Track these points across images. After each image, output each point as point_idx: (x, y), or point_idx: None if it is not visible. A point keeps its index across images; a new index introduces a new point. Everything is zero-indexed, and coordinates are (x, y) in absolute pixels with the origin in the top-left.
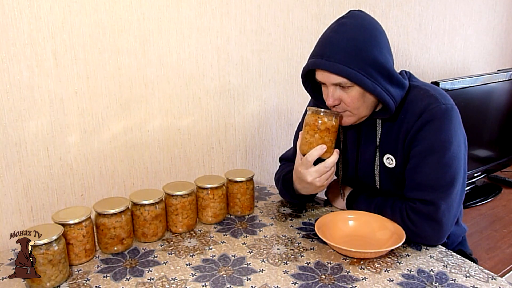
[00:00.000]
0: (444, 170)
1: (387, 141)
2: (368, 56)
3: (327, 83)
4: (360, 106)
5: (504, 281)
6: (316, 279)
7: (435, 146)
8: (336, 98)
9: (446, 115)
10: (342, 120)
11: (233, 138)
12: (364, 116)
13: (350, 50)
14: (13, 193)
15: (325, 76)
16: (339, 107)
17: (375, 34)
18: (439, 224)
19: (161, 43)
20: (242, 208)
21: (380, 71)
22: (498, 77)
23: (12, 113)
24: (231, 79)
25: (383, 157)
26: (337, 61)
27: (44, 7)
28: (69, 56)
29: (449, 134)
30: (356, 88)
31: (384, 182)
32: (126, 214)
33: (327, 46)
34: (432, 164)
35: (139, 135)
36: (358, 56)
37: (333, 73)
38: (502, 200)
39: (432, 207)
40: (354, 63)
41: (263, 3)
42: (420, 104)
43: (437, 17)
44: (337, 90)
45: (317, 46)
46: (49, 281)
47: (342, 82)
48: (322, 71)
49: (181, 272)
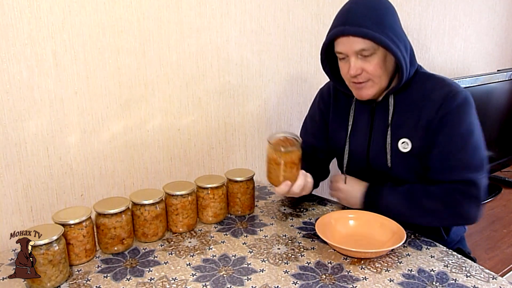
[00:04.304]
0: (475, 151)
1: (403, 126)
2: (387, 23)
3: (349, 52)
4: (382, 74)
5: (505, 281)
6: (316, 279)
7: (464, 130)
8: (358, 67)
9: (469, 101)
10: (362, 93)
11: (233, 138)
12: (383, 87)
13: (370, 16)
14: (13, 193)
15: (348, 44)
16: (361, 76)
17: (390, 7)
18: (480, 202)
19: (161, 43)
20: (242, 207)
21: (398, 38)
22: (498, 77)
23: (12, 113)
24: (231, 79)
25: (397, 141)
26: (360, 25)
27: (44, 7)
28: (69, 56)
29: (473, 118)
30: (377, 55)
31: (396, 165)
32: (126, 214)
33: (349, 14)
34: (464, 146)
35: (139, 135)
36: (379, 22)
37: (358, 37)
38: (502, 200)
39: (474, 187)
40: (376, 28)
41: (263, 3)
42: (442, 92)
43: (437, 17)
44: (359, 59)
45: (338, 17)
46: (49, 281)
47: (365, 47)
48: (345, 38)
49: (182, 272)
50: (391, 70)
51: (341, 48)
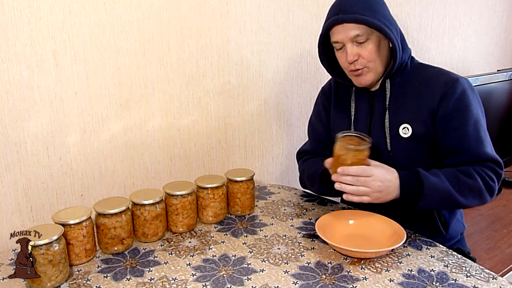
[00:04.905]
0: (486, 132)
1: (402, 111)
2: (380, 10)
3: (345, 40)
4: (376, 59)
5: (505, 281)
6: (316, 279)
7: (475, 113)
8: (355, 53)
9: (471, 85)
10: (361, 80)
11: (233, 138)
12: (379, 72)
13: (364, 4)
14: (13, 193)
15: (344, 31)
16: (357, 63)
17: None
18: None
19: (161, 43)
20: (242, 207)
21: (391, 24)
22: (498, 77)
23: (12, 113)
24: (231, 79)
25: (397, 127)
26: (354, 12)
27: (44, 7)
28: (69, 56)
29: (477, 100)
30: (371, 40)
31: (396, 151)
32: (126, 214)
33: (341, 4)
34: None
35: (139, 135)
36: (373, 10)
37: (352, 22)
38: (502, 200)
39: (497, 163)
40: (369, 14)
41: (263, 3)
42: (442, 79)
43: (437, 17)
44: (354, 46)
45: (331, 9)
46: (49, 281)
47: (360, 33)
48: (340, 26)
49: (182, 272)
50: (386, 55)
51: (337, 37)
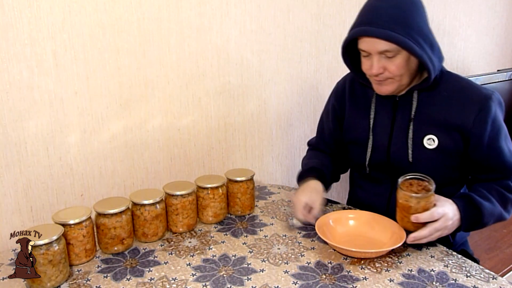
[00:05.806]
0: None
1: (429, 122)
2: (413, 23)
3: (373, 52)
4: (404, 74)
5: (505, 281)
6: (316, 279)
7: (504, 129)
8: (381, 66)
9: (500, 101)
10: (382, 89)
11: (233, 138)
12: (404, 84)
13: (396, 16)
14: (13, 193)
15: (372, 44)
16: (382, 75)
17: (418, 3)
18: None
19: (161, 43)
20: (242, 207)
21: (424, 39)
22: (498, 77)
23: (12, 113)
24: (231, 79)
25: (422, 137)
26: (385, 27)
27: (44, 7)
28: (69, 56)
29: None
30: (400, 55)
31: (418, 161)
32: (126, 214)
33: (373, 14)
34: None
35: (139, 135)
36: (404, 23)
37: (382, 39)
38: None
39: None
40: (401, 29)
41: (263, 3)
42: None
43: (437, 17)
44: (382, 59)
45: (362, 14)
46: (49, 281)
47: (389, 49)
48: (368, 38)
49: (182, 272)
50: (414, 69)
51: (365, 47)
